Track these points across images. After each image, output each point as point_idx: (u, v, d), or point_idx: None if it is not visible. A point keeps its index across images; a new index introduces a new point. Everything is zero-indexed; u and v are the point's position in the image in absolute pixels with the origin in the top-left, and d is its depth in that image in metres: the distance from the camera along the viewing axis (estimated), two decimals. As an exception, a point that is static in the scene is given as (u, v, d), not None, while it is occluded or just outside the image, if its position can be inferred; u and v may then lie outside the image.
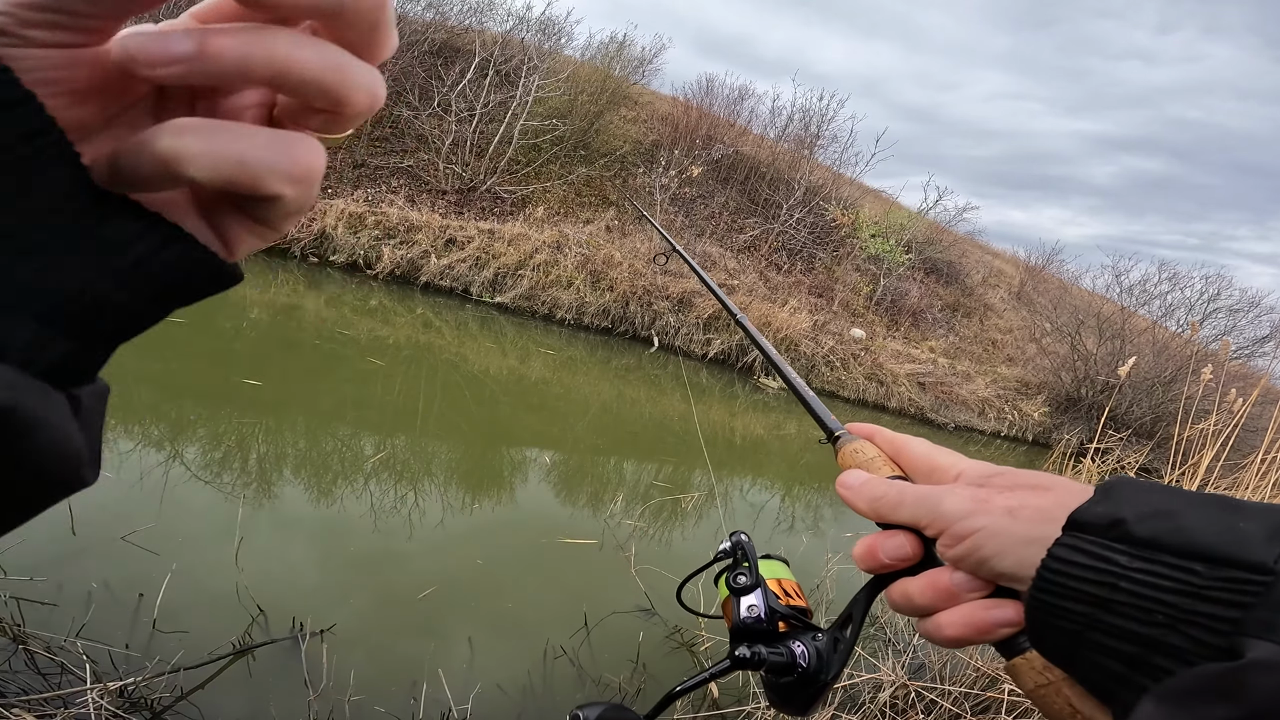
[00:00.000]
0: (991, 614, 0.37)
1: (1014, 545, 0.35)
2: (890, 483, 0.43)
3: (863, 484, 0.44)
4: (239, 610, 2.49)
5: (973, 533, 0.37)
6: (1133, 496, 0.33)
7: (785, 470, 6.35)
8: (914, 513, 0.40)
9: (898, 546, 0.41)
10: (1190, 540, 0.30)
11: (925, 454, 0.46)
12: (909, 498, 0.41)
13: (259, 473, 3.72)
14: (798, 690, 0.46)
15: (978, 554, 0.36)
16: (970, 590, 0.37)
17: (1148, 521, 0.31)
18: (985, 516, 0.37)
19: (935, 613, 0.39)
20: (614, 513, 4.17)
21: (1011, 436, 9.86)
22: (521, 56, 11.14)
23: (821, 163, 13.51)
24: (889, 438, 0.49)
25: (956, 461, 0.43)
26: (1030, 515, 0.36)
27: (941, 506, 0.39)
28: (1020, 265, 17.31)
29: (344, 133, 0.26)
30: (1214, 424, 3.04)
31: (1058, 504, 0.35)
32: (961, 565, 0.38)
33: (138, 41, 0.21)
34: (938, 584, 0.38)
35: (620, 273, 9.07)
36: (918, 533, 0.41)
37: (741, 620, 0.50)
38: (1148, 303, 10.82)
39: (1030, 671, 0.35)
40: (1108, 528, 0.32)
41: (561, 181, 11.10)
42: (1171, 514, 0.31)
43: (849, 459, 0.49)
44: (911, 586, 0.40)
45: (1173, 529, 0.31)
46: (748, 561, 0.53)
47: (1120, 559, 0.31)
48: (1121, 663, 0.30)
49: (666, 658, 2.85)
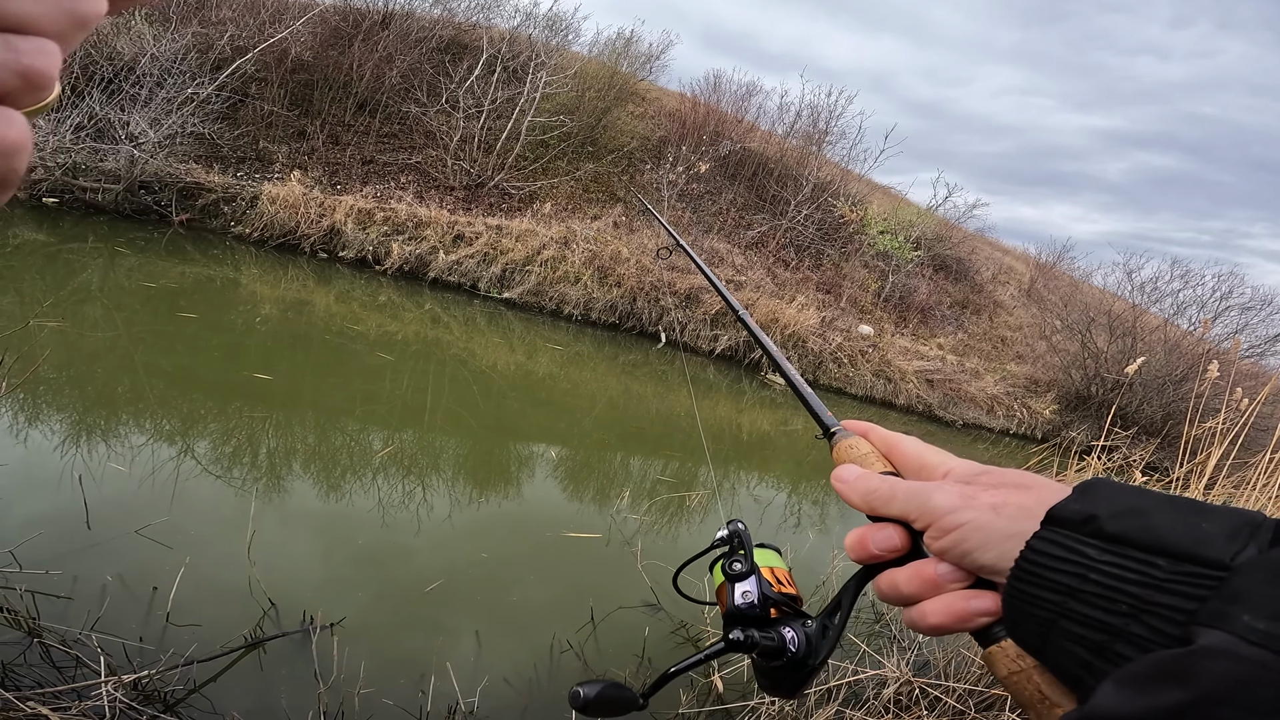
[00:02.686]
0: (971, 603, 0.39)
1: (996, 539, 0.38)
2: (883, 478, 0.46)
3: (857, 478, 0.47)
4: (250, 603, 2.52)
5: (959, 526, 0.39)
6: (1108, 496, 0.35)
7: (792, 467, 6.35)
8: (905, 506, 0.43)
9: (887, 538, 0.43)
10: (1156, 537, 0.32)
11: (916, 452, 0.48)
12: (900, 492, 0.43)
13: (269, 467, 3.76)
14: (787, 674, 0.48)
15: (962, 545, 0.39)
16: (953, 580, 0.40)
17: (1119, 519, 0.34)
18: (971, 511, 0.39)
19: (919, 601, 0.41)
20: (620, 508, 4.19)
21: (1020, 434, 9.81)
22: (529, 53, 11.14)
23: (830, 159, 13.45)
24: (882, 435, 0.52)
25: (945, 460, 0.46)
26: (1013, 512, 0.38)
27: (931, 501, 0.41)
28: (1031, 262, 17.17)
29: (41, 103, 0.25)
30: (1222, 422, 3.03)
31: (1038, 502, 0.38)
32: (946, 556, 0.40)
33: None
34: (923, 574, 0.41)
35: (627, 269, 9.07)
36: (906, 526, 0.43)
37: (736, 606, 0.52)
38: (1159, 300, 10.72)
39: (1004, 659, 0.37)
40: (1082, 523, 0.35)
41: (569, 178, 11.10)
42: (1141, 512, 0.34)
43: (844, 454, 0.51)
44: (899, 576, 0.42)
45: (1141, 526, 0.33)
46: (744, 549, 0.55)
47: (1091, 552, 0.34)
48: (1088, 650, 0.33)
49: (672, 652, 2.87)
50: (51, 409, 3.77)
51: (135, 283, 6.27)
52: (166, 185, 8.30)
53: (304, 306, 6.93)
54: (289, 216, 8.53)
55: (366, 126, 10.46)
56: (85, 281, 6.06)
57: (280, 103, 9.83)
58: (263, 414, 4.35)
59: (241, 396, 4.53)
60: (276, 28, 9.74)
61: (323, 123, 10.15)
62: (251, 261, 7.94)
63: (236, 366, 5.04)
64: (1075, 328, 10.92)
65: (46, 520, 2.72)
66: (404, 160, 10.35)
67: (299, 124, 10.05)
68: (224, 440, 3.92)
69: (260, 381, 4.78)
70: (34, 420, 3.58)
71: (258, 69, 9.61)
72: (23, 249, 6.59)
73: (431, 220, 9.00)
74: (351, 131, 10.34)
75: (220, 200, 8.62)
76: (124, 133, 7.89)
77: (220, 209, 8.62)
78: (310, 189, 8.90)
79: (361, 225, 8.76)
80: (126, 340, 5.05)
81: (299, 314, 6.69)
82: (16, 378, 3.34)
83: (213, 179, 8.65)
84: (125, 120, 7.95)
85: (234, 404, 4.41)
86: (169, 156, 8.26)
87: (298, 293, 7.30)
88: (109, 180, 7.98)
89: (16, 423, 3.50)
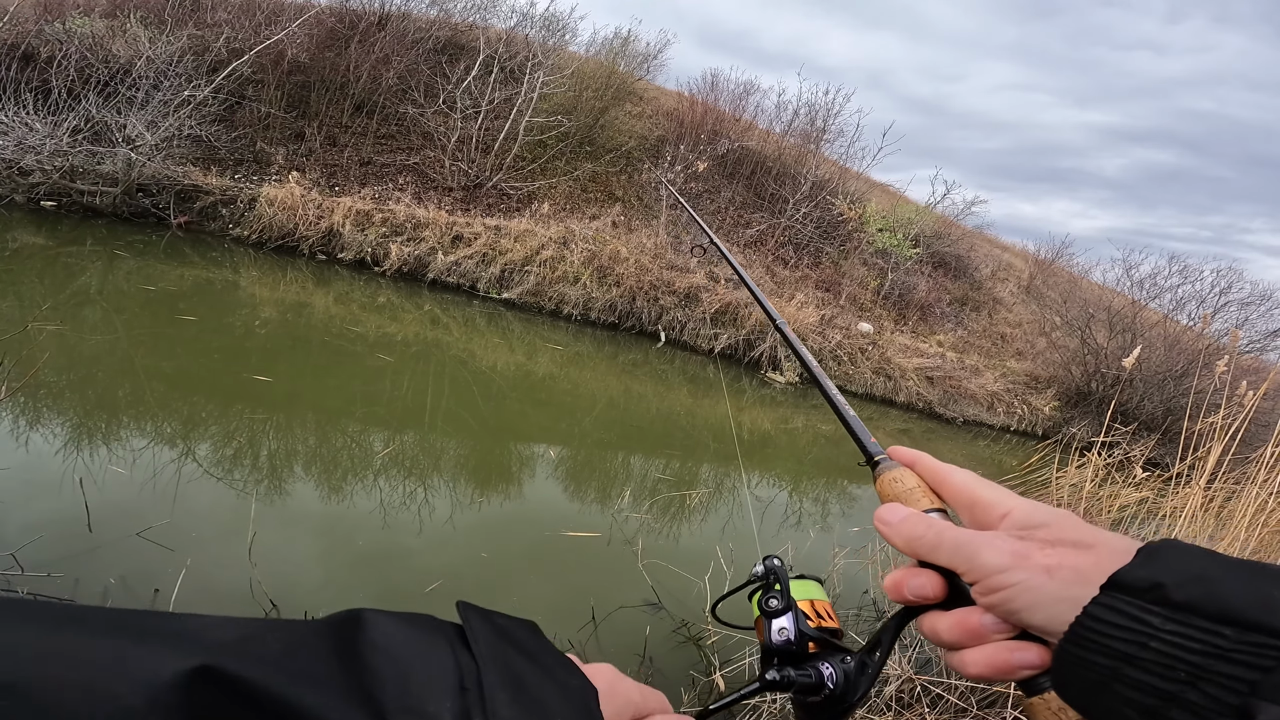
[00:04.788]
0: (1016, 656, 0.38)
1: (1047, 602, 0.36)
2: (930, 523, 0.43)
3: (901, 521, 0.44)
4: (252, 605, 2.52)
5: (1008, 586, 0.38)
6: (1175, 562, 0.34)
7: (793, 465, 6.35)
8: (951, 558, 0.41)
9: (921, 586, 0.42)
10: (1224, 606, 0.31)
11: (967, 486, 0.45)
12: (947, 542, 0.41)
13: (270, 469, 3.76)
14: (824, 709, 0.48)
15: (1010, 605, 0.38)
16: (997, 632, 0.39)
17: (1186, 587, 0.32)
18: (1022, 572, 0.37)
19: (962, 649, 0.40)
20: (621, 507, 4.19)
21: (1021, 431, 9.81)
22: (526, 53, 11.13)
23: (828, 157, 13.44)
24: (930, 467, 0.49)
25: (1003, 499, 0.43)
26: (1068, 576, 0.37)
27: (979, 558, 0.39)
28: (1030, 259, 17.16)
29: None
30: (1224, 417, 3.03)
31: (1096, 566, 0.36)
32: (993, 611, 0.39)
33: None
34: (966, 624, 0.40)
35: (627, 268, 9.07)
36: (948, 571, 0.42)
37: (772, 642, 0.51)
38: (1158, 296, 10.72)
39: (1046, 711, 0.37)
40: (1146, 590, 0.33)
41: (567, 177, 11.10)
42: (1210, 580, 0.32)
43: (887, 488, 0.49)
44: (940, 624, 0.41)
45: (1208, 594, 0.32)
46: (780, 585, 0.54)
47: (1154, 620, 0.32)
48: (1140, 713, 0.32)
49: (673, 651, 2.87)
50: (52, 412, 3.77)
51: (134, 286, 6.27)
52: (164, 188, 8.30)
53: (303, 308, 6.93)
54: (287, 218, 8.53)
55: (364, 128, 10.45)
56: (84, 285, 6.06)
57: (277, 104, 9.82)
58: (263, 416, 4.35)
59: (242, 399, 4.53)
60: (273, 29, 9.73)
61: (320, 124, 10.15)
62: (250, 263, 7.94)
63: (236, 369, 5.04)
64: (1075, 324, 10.92)
65: (48, 523, 2.72)
66: (402, 161, 10.34)
67: (296, 126, 10.05)
68: (225, 443, 3.92)
69: (260, 383, 4.78)
70: (35, 424, 3.59)
71: (254, 71, 9.60)
72: (21, 253, 6.58)
73: (430, 221, 9.00)
74: (349, 133, 10.33)
75: (218, 202, 8.61)
76: (121, 135, 7.88)
77: (218, 211, 8.62)
78: (308, 191, 8.90)
79: (360, 227, 8.76)
80: (126, 343, 5.05)
81: (298, 316, 6.69)
82: (17, 381, 3.34)
83: (211, 181, 8.64)
84: (122, 123, 7.94)
85: (234, 406, 4.41)
86: (166, 159, 8.25)
87: (297, 294, 7.30)
88: (107, 183, 7.98)
89: (17, 426, 3.50)
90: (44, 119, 7.72)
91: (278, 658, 0.29)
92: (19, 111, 7.63)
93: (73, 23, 8.99)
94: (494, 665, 0.34)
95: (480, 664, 0.34)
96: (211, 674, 0.25)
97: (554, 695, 0.35)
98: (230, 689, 0.26)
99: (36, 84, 8.01)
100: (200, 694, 0.25)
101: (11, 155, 7.54)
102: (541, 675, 0.36)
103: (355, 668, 0.31)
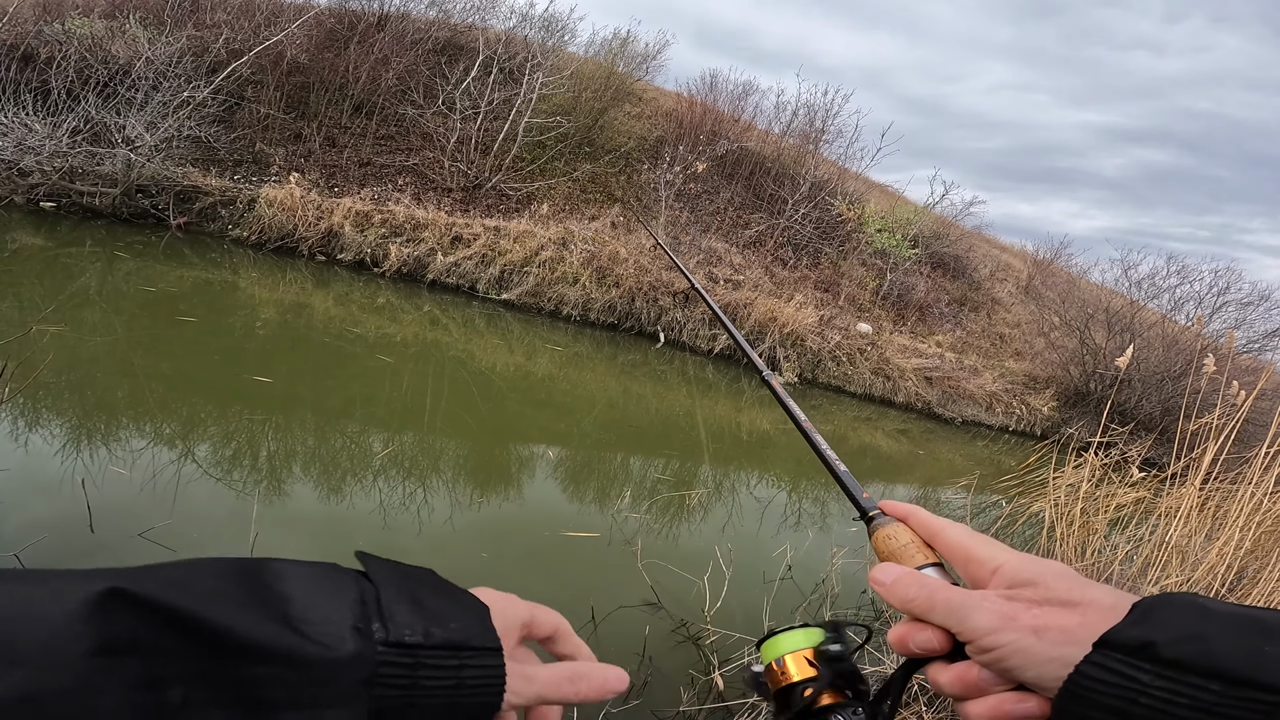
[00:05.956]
0: (1018, 708, 0.40)
1: (1037, 661, 0.38)
2: (922, 583, 0.45)
3: (894, 582, 0.46)
4: (252, 605, 2.52)
5: (998, 647, 0.40)
6: (1169, 620, 0.35)
7: (792, 465, 6.36)
8: (944, 620, 0.43)
9: (926, 640, 0.44)
10: (1214, 663, 0.33)
11: (960, 542, 0.47)
12: (939, 605, 0.43)
13: (270, 470, 3.77)
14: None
15: (1001, 665, 0.40)
16: (995, 685, 0.41)
17: (1177, 645, 0.34)
18: (1011, 634, 0.39)
19: (965, 700, 0.42)
20: (620, 508, 4.20)
21: (1020, 431, 9.83)
22: (525, 54, 11.15)
23: (827, 157, 13.47)
24: (923, 521, 0.50)
25: (994, 555, 0.44)
26: (1055, 637, 0.38)
27: (970, 621, 0.41)
28: (1028, 259, 17.19)
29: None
30: (1218, 417, 3.04)
31: (1082, 625, 0.38)
32: (987, 669, 0.41)
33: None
34: (966, 678, 0.42)
35: (626, 269, 9.09)
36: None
37: (791, 701, 0.51)
38: (1157, 296, 10.75)
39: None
40: (1138, 649, 0.35)
41: (566, 178, 11.11)
42: (1203, 638, 0.34)
43: (882, 545, 0.50)
44: (943, 676, 0.43)
45: (1199, 652, 0.33)
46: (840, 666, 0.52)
47: (1143, 677, 0.34)
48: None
49: (673, 651, 2.88)
50: (52, 413, 3.78)
51: (134, 287, 6.28)
52: (164, 189, 8.30)
53: (303, 309, 6.94)
54: (287, 219, 8.53)
55: (363, 129, 10.46)
56: (84, 286, 6.06)
57: (276, 105, 9.83)
58: (262, 417, 4.36)
59: (241, 399, 4.53)
60: (272, 30, 9.74)
61: (319, 125, 10.15)
62: (250, 264, 7.94)
63: (236, 369, 5.05)
64: (1073, 324, 10.94)
65: (49, 524, 2.73)
66: (401, 162, 10.35)
67: (295, 127, 10.05)
68: (224, 443, 3.93)
69: (260, 384, 4.79)
70: (35, 425, 3.59)
71: (253, 72, 9.61)
72: (20, 254, 6.59)
73: (429, 222, 9.01)
74: (348, 134, 10.34)
75: (218, 203, 8.62)
76: (120, 136, 7.89)
77: (218, 212, 8.63)
78: (308, 191, 8.90)
79: (359, 227, 8.76)
80: (126, 344, 5.06)
81: (298, 317, 6.70)
82: (18, 383, 3.35)
83: (210, 182, 8.65)
84: (121, 124, 7.95)
85: (234, 407, 4.42)
86: (166, 160, 8.26)
87: (296, 295, 7.31)
88: (106, 184, 7.99)
89: (18, 428, 3.51)
90: (43, 120, 7.72)
91: (184, 580, 0.31)
92: (18, 112, 7.64)
93: (72, 23, 8.99)
94: (392, 586, 0.38)
95: (380, 587, 0.37)
96: (122, 594, 0.28)
97: (449, 607, 0.39)
98: (141, 608, 0.28)
99: (36, 85, 8.01)
100: (112, 613, 0.27)
101: (11, 156, 7.54)
102: (435, 594, 0.39)
103: (259, 590, 0.33)
